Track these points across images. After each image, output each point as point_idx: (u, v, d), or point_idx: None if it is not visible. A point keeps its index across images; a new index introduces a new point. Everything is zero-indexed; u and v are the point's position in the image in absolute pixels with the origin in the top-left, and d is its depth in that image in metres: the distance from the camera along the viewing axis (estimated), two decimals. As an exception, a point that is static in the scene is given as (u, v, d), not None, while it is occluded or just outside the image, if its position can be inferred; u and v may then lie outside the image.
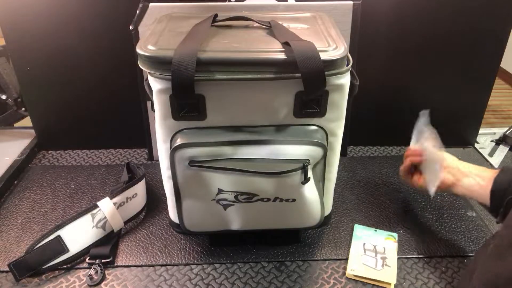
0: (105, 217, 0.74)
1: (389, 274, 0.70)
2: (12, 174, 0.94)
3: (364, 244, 0.76)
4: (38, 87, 0.98)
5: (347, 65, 0.61)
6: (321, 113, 0.63)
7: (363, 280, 0.70)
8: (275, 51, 0.59)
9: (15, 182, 0.94)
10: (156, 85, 0.60)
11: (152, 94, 0.62)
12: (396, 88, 1.03)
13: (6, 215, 0.84)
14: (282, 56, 0.58)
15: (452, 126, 1.09)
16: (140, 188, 0.82)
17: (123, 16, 0.85)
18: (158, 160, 0.70)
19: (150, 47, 0.59)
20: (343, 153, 1.05)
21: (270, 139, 0.62)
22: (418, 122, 0.79)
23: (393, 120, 1.06)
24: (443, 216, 0.85)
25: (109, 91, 0.99)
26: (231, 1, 0.87)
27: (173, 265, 0.73)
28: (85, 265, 0.72)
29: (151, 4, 0.83)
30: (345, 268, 0.72)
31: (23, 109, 1.07)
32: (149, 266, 0.73)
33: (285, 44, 0.59)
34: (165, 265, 0.73)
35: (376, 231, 0.79)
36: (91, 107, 1.01)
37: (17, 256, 0.73)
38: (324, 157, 0.65)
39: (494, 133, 1.16)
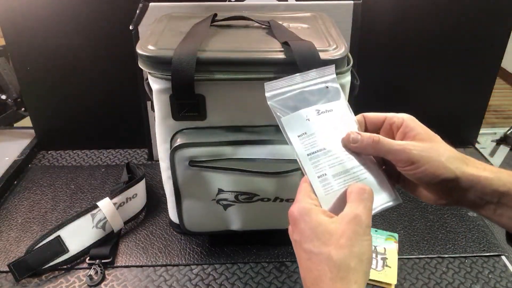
0: (105, 217, 0.74)
1: (390, 275, 0.70)
2: (12, 174, 0.94)
3: (365, 244, 0.76)
4: (38, 87, 0.98)
5: (348, 65, 0.61)
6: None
7: (363, 280, 0.70)
8: (274, 51, 0.59)
9: (15, 182, 0.94)
10: (156, 85, 0.59)
11: (152, 94, 0.62)
12: (396, 88, 1.02)
13: (6, 215, 0.83)
14: (281, 56, 0.58)
15: (452, 126, 1.08)
16: (140, 188, 0.82)
17: (123, 16, 0.85)
18: (158, 160, 0.69)
19: (150, 47, 0.59)
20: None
21: (270, 139, 0.62)
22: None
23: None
24: (444, 216, 0.84)
25: (109, 91, 0.99)
26: (231, 1, 0.87)
27: (173, 265, 0.73)
28: (85, 265, 0.72)
29: (151, 4, 0.83)
30: (345, 269, 0.72)
31: (23, 109, 1.07)
32: (149, 266, 0.72)
33: (285, 44, 0.59)
34: (165, 266, 0.73)
35: (376, 231, 0.79)
36: (91, 107, 1.01)
37: (17, 256, 0.73)
38: (325, 157, 0.65)
39: (495, 133, 1.16)
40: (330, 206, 0.41)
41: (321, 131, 0.44)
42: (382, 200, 0.43)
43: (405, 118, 0.44)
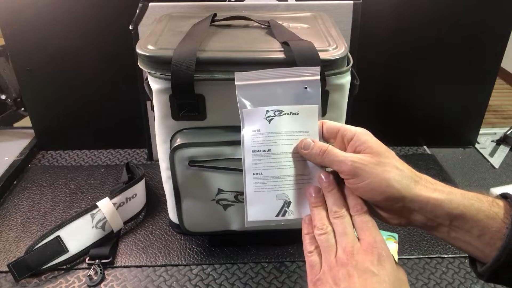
0: (105, 218, 0.74)
1: (390, 275, 0.70)
2: (11, 174, 0.93)
3: (365, 244, 0.76)
4: (38, 87, 0.98)
5: (348, 65, 0.61)
6: (322, 113, 0.63)
7: (363, 280, 0.70)
8: (274, 51, 0.59)
9: (15, 182, 0.94)
10: (155, 85, 0.59)
11: (151, 94, 0.62)
12: (396, 88, 1.02)
13: (5, 216, 0.83)
14: (281, 56, 0.58)
15: (452, 126, 1.08)
16: (139, 189, 0.82)
17: (123, 16, 0.85)
18: (158, 160, 0.69)
19: (150, 47, 0.59)
20: (343, 153, 1.04)
21: (270, 139, 0.62)
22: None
23: (393, 120, 1.06)
24: (444, 217, 0.84)
25: (109, 91, 0.99)
26: (231, 1, 0.87)
27: (173, 265, 0.73)
28: (84, 265, 0.72)
29: (151, 4, 0.83)
30: (345, 269, 0.72)
31: (22, 109, 1.07)
32: (149, 266, 0.72)
33: (284, 43, 0.59)
34: (164, 266, 0.72)
35: (376, 231, 0.79)
36: (91, 107, 1.00)
37: (17, 256, 0.73)
38: (324, 157, 0.65)
39: (495, 133, 1.16)
40: (254, 203, 0.44)
41: (274, 132, 0.44)
42: (304, 213, 0.45)
43: (357, 132, 0.43)
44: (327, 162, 0.42)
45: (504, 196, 0.40)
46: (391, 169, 0.40)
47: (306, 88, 0.45)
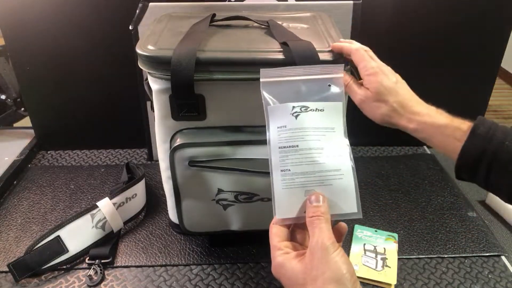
0: (105, 218, 0.74)
1: (390, 275, 0.70)
2: (11, 174, 0.93)
3: (365, 244, 0.76)
4: (38, 87, 0.98)
5: (347, 65, 0.61)
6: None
7: (363, 281, 0.70)
8: (274, 51, 0.59)
9: (15, 182, 0.94)
10: (155, 85, 0.59)
11: (151, 94, 0.62)
12: (396, 88, 1.02)
13: (5, 216, 0.83)
14: (280, 56, 0.58)
15: (452, 126, 1.08)
16: (139, 189, 0.82)
17: (123, 16, 0.85)
18: (157, 160, 0.69)
19: (150, 47, 0.59)
20: (343, 153, 1.04)
21: (270, 139, 0.62)
22: None
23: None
24: (444, 217, 0.84)
25: (109, 91, 0.99)
26: (231, 1, 0.87)
27: (173, 265, 0.73)
28: (84, 265, 0.72)
29: (150, 4, 0.83)
30: (345, 269, 0.72)
31: (22, 109, 1.07)
32: (149, 266, 0.72)
33: (284, 44, 0.59)
34: (164, 266, 0.72)
35: (376, 231, 0.79)
36: (91, 107, 1.01)
37: (17, 256, 0.73)
38: (324, 157, 0.65)
39: (495, 133, 1.15)
40: (283, 201, 0.43)
41: (301, 128, 0.44)
42: (340, 210, 0.44)
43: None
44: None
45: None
46: (402, 90, 0.60)
47: (329, 85, 0.45)
